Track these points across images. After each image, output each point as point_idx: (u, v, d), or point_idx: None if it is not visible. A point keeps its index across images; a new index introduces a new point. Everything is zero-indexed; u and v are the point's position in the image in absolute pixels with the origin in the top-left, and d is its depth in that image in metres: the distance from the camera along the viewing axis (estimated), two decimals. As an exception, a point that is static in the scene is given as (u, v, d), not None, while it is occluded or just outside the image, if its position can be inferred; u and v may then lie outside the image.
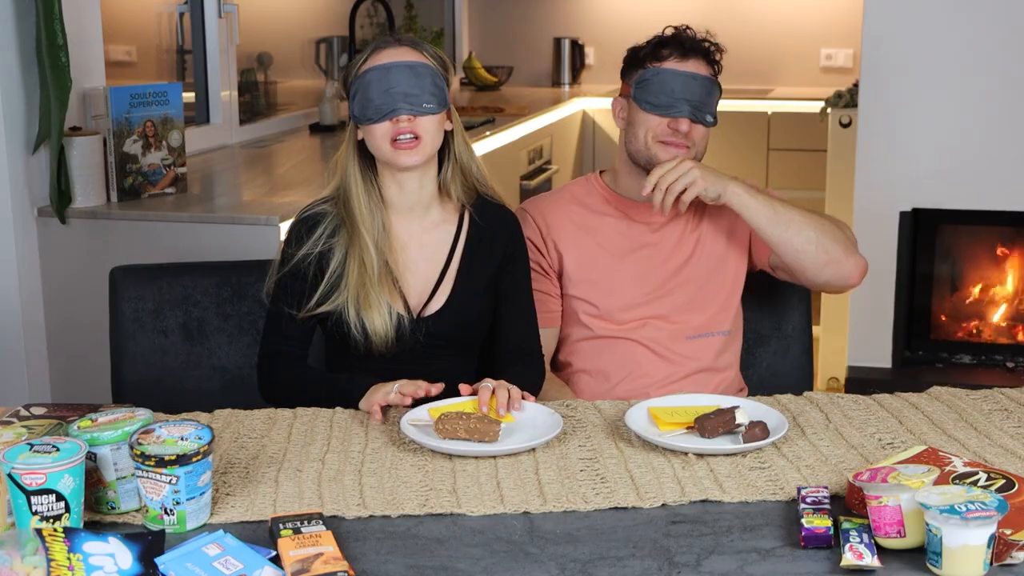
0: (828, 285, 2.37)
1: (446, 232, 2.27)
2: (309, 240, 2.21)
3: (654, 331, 2.40)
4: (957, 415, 2.01)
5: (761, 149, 5.90)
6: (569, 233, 2.45)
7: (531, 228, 2.44)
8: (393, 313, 2.18)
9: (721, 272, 2.45)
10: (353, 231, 2.18)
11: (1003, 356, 3.92)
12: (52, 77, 2.99)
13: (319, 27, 5.52)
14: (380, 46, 2.19)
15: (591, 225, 2.45)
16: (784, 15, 6.28)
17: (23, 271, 3.12)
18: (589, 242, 2.44)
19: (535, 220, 2.46)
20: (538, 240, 2.45)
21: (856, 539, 1.52)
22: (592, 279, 2.43)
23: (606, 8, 6.54)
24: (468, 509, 1.66)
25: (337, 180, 2.23)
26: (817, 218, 2.33)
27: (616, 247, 2.44)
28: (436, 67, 2.17)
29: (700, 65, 2.39)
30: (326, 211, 2.23)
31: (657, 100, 2.35)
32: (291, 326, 2.23)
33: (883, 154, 3.83)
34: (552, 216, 2.46)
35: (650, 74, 2.37)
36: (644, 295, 2.42)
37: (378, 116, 2.13)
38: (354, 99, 2.16)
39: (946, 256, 3.95)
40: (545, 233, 2.45)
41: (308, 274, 2.20)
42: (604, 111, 6.15)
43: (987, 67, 3.73)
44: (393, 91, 2.12)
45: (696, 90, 2.35)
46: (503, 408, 1.96)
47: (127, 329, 2.45)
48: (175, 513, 1.60)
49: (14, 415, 1.85)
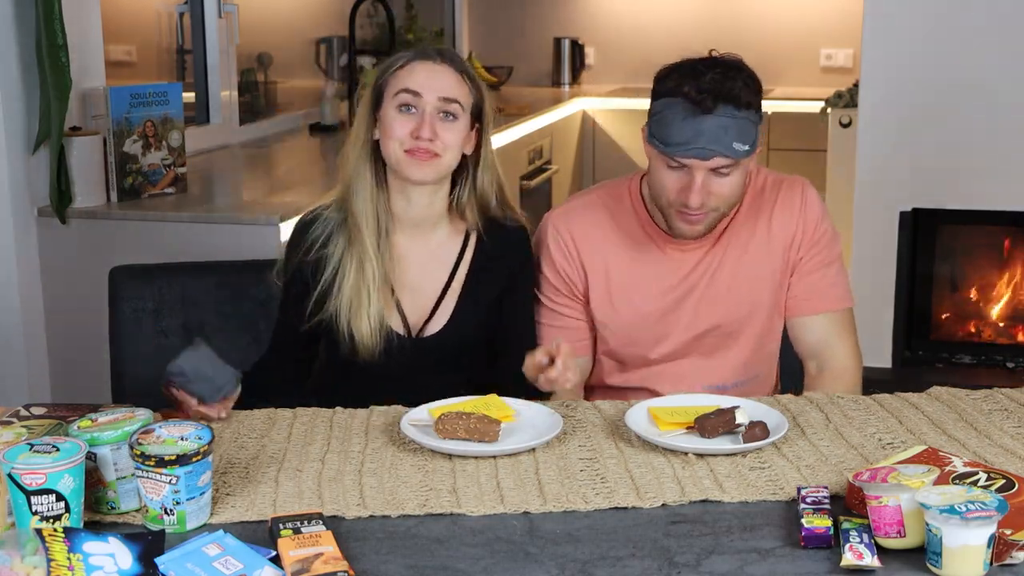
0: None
1: (450, 251, 2.22)
2: (305, 246, 2.18)
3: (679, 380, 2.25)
4: (957, 415, 2.01)
5: (761, 149, 5.90)
6: (597, 255, 2.26)
7: (555, 241, 2.28)
8: (384, 325, 2.15)
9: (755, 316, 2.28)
10: (355, 232, 2.14)
11: (1003, 356, 3.92)
12: (52, 77, 2.99)
13: (319, 27, 5.52)
14: (419, 57, 2.14)
15: (621, 242, 2.26)
16: (784, 15, 6.28)
17: (23, 271, 3.13)
18: (618, 263, 2.26)
19: (559, 233, 2.28)
20: (565, 262, 2.28)
21: (856, 539, 1.52)
22: (617, 322, 2.27)
23: (606, 8, 6.54)
24: (468, 509, 1.66)
25: (344, 183, 2.18)
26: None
27: (650, 286, 2.25)
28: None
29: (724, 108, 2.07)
30: (326, 216, 2.19)
31: (667, 137, 2.08)
32: (281, 332, 2.24)
33: (883, 154, 3.83)
34: (582, 236, 2.27)
35: (661, 106, 2.11)
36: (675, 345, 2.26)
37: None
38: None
39: (946, 256, 3.95)
40: (570, 247, 2.27)
41: (306, 281, 2.18)
42: (604, 111, 6.16)
43: (987, 67, 3.73)
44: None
45: (717, 135, 2.06)
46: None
47: (127, 329, 2.45)
48: (175, 513, 1.60)
49: (14, 415, 1.85)
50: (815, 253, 2.26)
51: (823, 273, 2.27)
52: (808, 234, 2.25)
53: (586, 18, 6.58)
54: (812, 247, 2.26)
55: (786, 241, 2.25)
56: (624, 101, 6.14)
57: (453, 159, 2.13)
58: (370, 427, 1.97)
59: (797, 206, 2.25)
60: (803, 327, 2.29)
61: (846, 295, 2.30)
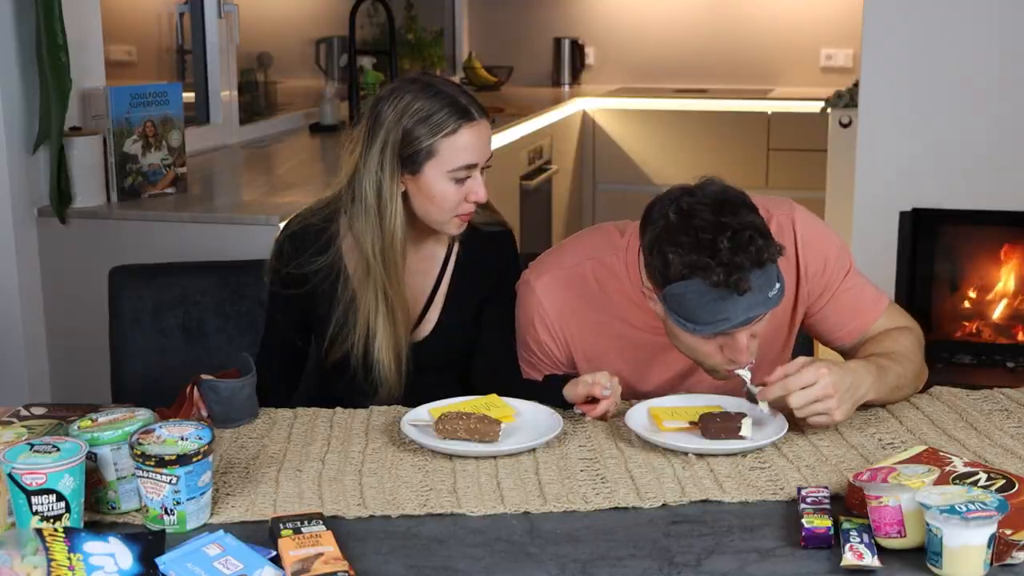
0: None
1: (435, 260, 2.23)
2: (307, 261, 2.15)
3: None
4: (957, 415, 2.01)
5: (761, 149, 5.91)
6: (584, 334, 2.12)
7: (539, 318, 2.12)
8: (405, 352, 2.15)
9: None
10: (379, 275, 2.11)
11: (1003, 356, 3.91)
12: (52, 77, 2.99)
13: (319, 27, 5.52)
14: (465, 119, 2.06)
15: (613, 328, 2.10)
16: (784, 15, 6.28)
17: (23, 271, 3.13)
18: (606, 346, 2.12)
19: (545, 310, 2.11)
20: (549, 339, 2.13)
21: (856, 539, 1.52)
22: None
23: (606, 8, 6.53)
24: (468, 509, 1.66)
25: (365, 228, 2.10)
26: (915, 365, 2.06)
27: (649, 376, 2.12)
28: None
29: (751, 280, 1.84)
30: (323, 229, 2.16)
31: (698, 319, 1.86)
32: (271, 336, 2.26)
33: (883, 154, 3.83)
34: (568, 315, 2.11)
35: (679, 289, 1.85)
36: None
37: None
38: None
39: (946, 256, 3.94)
40: (556, 329, 2.12)
41: (304, 295, 2.18)
42: (604, 111, 6.16)
43: (987, 67, 3.73)
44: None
45: (756, 301, 1.85)
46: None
47: (126, 329, 2.45)
48: (175, 513, 1.60)
49: (14, 415, 1.85)
50: (831, 276, 2.11)
51: (846, 288, 2.12)
52: (813, 265, 2.09)
53: (586, 18, 6.58)
54: (822, 276, 2.10)
55: (791, 288, 2.07)
56: (624, 101, 6.15)
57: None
58: (370, 427, 1.97)
59: (791, 248, 2.05)
60: (858, 346, 2.11)
61: (880, 294, 2.15)
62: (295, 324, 2.24)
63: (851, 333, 2.14)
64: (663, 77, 6.41)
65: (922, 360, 2.10)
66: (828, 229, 2.16)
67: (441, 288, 2.23)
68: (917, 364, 2.07)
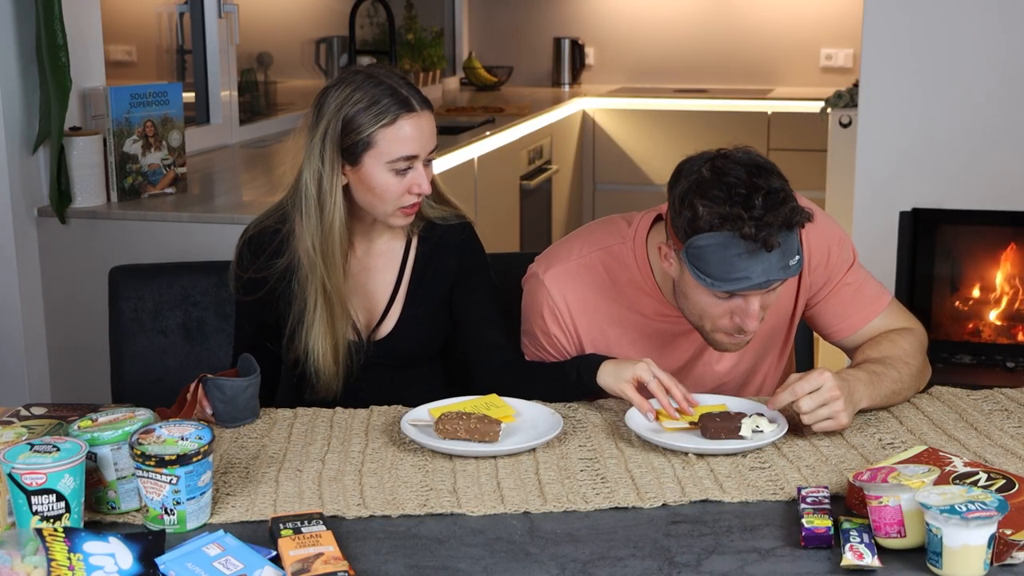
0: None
1: (395, 253, 2.22)
2: (265, 264, 2.15)
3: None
4: (957, 415, 2.01)
5: (761, 149, 5.81)
6: (594, 324, 2.12)
7: (549, 310, 2.12)
8: (344, 352, 2.14)
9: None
10: (314, 268, 2.09)
11: (1003, 356, 3.91)
12: (52, 77, 2.99)
13: (319, 27, 5.52)
14: (404, 110, 2.05)
15: (624, 317, 2.11)
16: (784, 15, 6.28)
17: (23, 271, 3.13)
18: (619, 337, 2.12)
19: (555, 301, 2.11)
20: (559, 330, 2.13)
21: (856, 539, 1.52)
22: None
23: (606, 8, 6.54)
24: (468, 509, 1.66)
25: (305, 221, 2.09)
26: (913, 368, 2.05)
27: (648, 337, 2.13)
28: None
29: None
30: (277, 231, 2.16)
31: (719, 274, 1.87)
32: (240, 341, 2.26)
33: (883, 154, 3.83)
34: (579, 306, 2.11)
35: (704, 240, 1.86)
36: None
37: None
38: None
39: (946, 256, 3.94)
40: (566, 320, 2.12)
41: (264, 298, 2.17)
42: (604, 111, 6.16)
43: (987, 67, 3.73)
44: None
45: (778, 264, 1.87)
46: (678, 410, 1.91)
47: (126, 329, 2.45)
48: (175, 513, 1.60)
49: (14, 415, 1.85)
50: (834, 267, 2.13)
51: (848, 282, 2.14)
52: (817, 255, 2.11)
53: (586, 18, 6.58)
54: (826, 267, 2.13)
55: (794, 277, 2.05)
56: (624, 101, 6.14)
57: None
58: (370, 427, 1.97)
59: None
60: (858, 343, 2.14)
61: (882, 292, 2.17)
62: (262, 328, 2.22)
63: (851, 327, 2.15)
64: (663, 77, 6.41)
65: (923, 361, 2.10)
66: (833, 222, 2.18)
67: (402, 285, 2.22)
68: (916, 366, 2.07)
